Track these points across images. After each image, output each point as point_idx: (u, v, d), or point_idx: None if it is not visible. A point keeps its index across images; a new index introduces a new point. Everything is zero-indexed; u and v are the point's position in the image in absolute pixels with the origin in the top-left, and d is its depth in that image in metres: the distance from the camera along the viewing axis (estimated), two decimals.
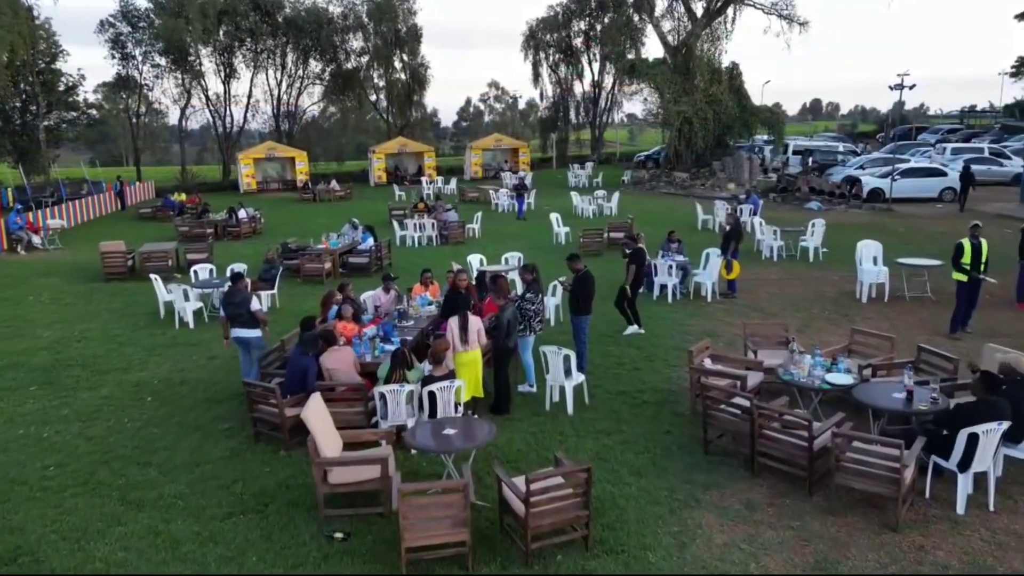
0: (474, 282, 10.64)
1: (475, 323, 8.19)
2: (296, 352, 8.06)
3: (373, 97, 50.42)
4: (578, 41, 50.17)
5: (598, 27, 48.51)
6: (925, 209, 26.03)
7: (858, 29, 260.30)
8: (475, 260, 14.83)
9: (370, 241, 17.69)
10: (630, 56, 44.07)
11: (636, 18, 44.68)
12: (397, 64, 48.21)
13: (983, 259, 11.45)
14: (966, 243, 11.42)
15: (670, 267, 13.80)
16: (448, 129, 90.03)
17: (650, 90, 40.83)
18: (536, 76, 50.88)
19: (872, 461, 6.02)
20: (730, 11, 37.47)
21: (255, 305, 9.30)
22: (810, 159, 35.53)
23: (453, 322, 8.15)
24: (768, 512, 6.32)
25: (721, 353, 8.86)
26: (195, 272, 14.48)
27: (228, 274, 14.33)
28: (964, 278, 11.38)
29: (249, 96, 46.92)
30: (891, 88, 25.56)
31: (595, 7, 47.75)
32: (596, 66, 50.89)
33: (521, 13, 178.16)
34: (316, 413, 6.37)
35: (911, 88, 25.28)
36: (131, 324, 13.13)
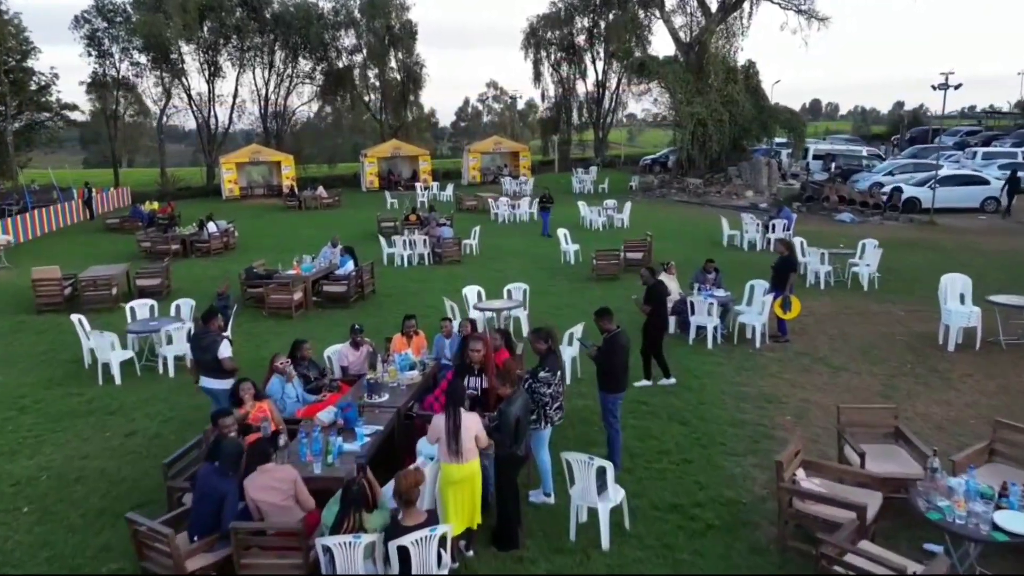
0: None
1: (472, 425, 5.70)
2: (209, 470, 5.50)
3: (367, 97, 47.93)
4: (581, 39, 47.69)
5: (602, 24, 46.01)
6: (969, 221, 23.61)
7: (854, 29, 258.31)
8: (472, 293, 12.36)
9: (350, 265, 15.15)
10: (636, 54, 41.57)
11: (643, 14, 42.22)
12: (392, 63, 45.83)
13: None
14: None
15: (710, 305, 11.26)
16: (446, 130, 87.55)
17: (660, 90, 38.30)
18: (537, 75, 48.51)
19: None
20: (746, 6, 35.14)
21: (223, 352, 7.83)
22: (833, 164, 33.07)
23: (439, 423, 5.66)
24: None
25: (816, 460, 6.33)
26: (131, 310, 11.87)
27: (173, 312, 11.94)
28: None
29: (235, 96, 44.51)
30: (934, 88, 23.06)
31: (599, 3, 45.22)
32: (600, 65, 48.40)
33: (521, 10, 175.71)
34: None
35: (956, 88, 22.77)
36: (47, 377, 10.61)
